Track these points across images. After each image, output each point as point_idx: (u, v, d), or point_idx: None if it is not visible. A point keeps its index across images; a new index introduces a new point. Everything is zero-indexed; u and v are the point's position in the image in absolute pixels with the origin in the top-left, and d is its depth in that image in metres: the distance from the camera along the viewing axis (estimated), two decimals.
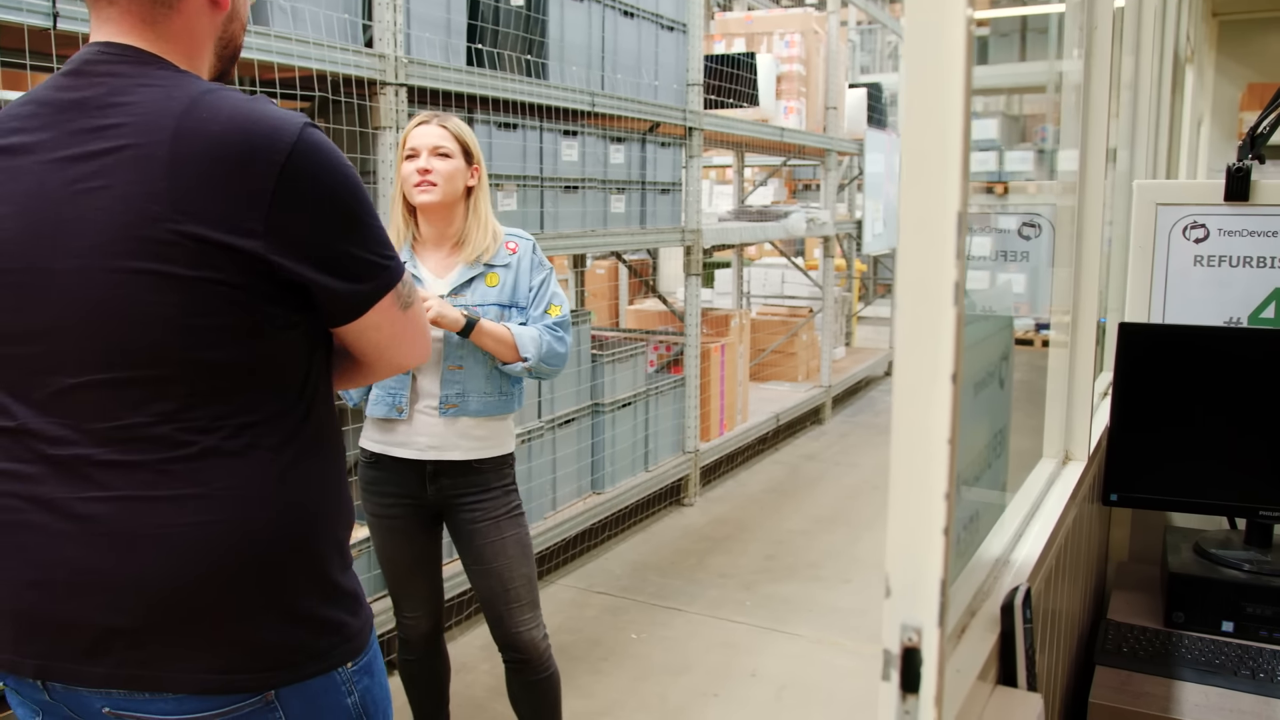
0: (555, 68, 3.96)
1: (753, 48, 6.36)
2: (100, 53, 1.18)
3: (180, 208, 1.10)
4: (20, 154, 1.17)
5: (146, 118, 1.13)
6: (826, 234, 6.80)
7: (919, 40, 0.69)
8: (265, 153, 1.12)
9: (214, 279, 1.12)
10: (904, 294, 0.74)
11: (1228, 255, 2.14)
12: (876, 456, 6.17)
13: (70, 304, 1.13)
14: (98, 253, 1.11)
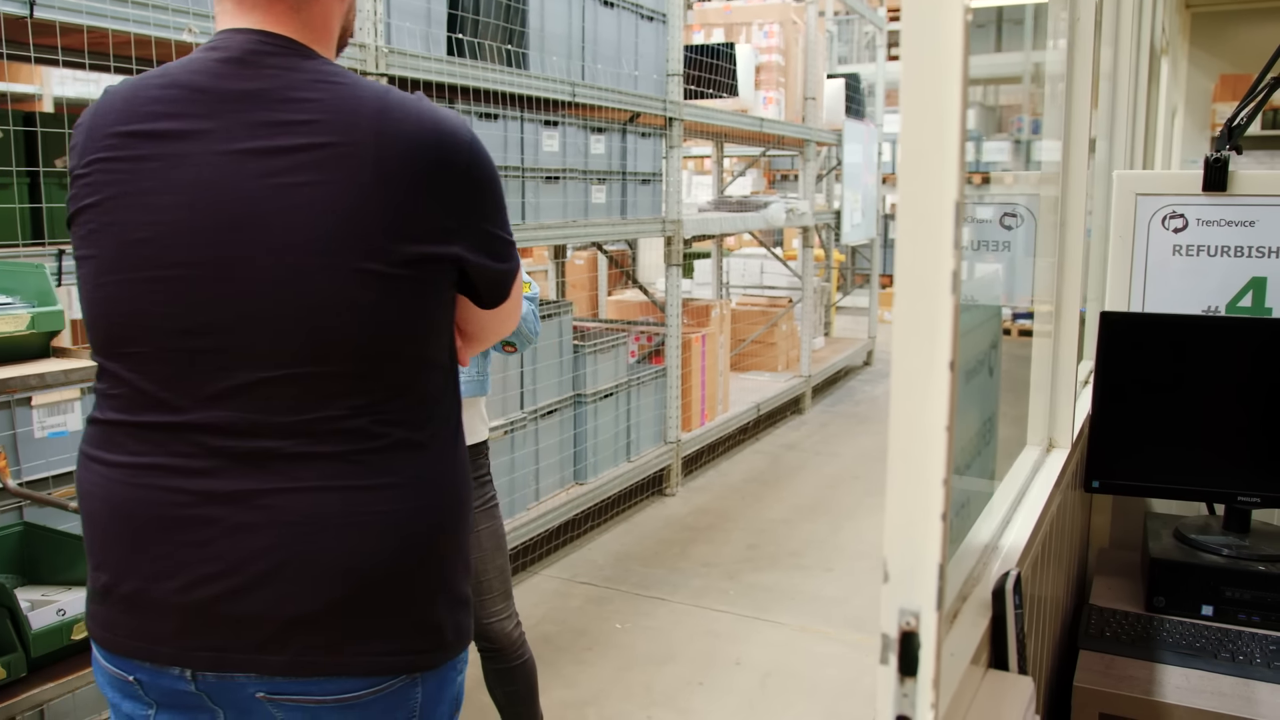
0: (536, 58, 3.95)
1: (732, 38, 6.37)
2: (262, 43, 1.17)
3: (388, 207, 1.12)
4: (177, 140, 1.13)
5: (341, 116, 1.12)
6: (805, 224, 6.82)
7: (917, 32, 0.69)
8: (453, 153, 1.16)
9: (414, 277, 1.14)
10: (903, 283, 0.75)
11: (1206, 245, 2.17)
12: (856, 446, 6.21)
13: (265, 298, 1.11)
14: (301, 249, 1.10)
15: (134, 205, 1.13)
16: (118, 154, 1.15)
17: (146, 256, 1.13)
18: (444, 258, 1.17)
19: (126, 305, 1.14)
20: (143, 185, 1.13)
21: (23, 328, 1.82)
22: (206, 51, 1.18)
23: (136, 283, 1.13)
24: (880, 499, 5.06)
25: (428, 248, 1.15)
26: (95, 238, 1.16)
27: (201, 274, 1.12)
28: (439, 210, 1.15)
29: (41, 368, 1.79)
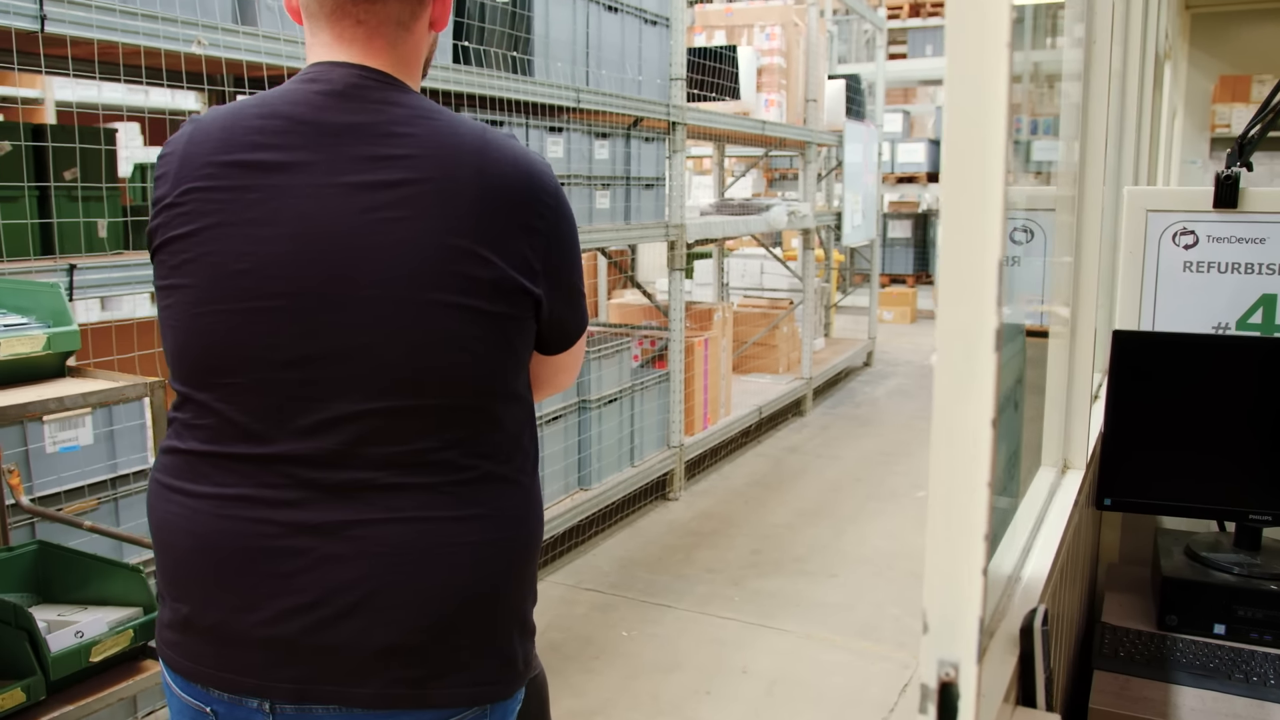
0: (540, 64, 3.95)
1: (733, 40, 6.37)
2: (363, 77, 1.18)
3: (485, 245, 1.13)
4: (278, 172, 1.14)
5: (443, 152, 1.14)
6: (807, 226, 6.83)
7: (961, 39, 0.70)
8: (544, 195, 1.19)
9: (507, 314, 1.17)
10: (945, 339, 0.75)
11: (1216, 261, 2.18)
12: (858, 448, 6.22)
13: (367, 331, 1.11)
14: (402, 283, 1.11)
15: (234, 236, 1.13)
16: (217, 183, 1.14)
17: (246, 288, 1.12)
18: (531, 297, 1.19)
19: (224, 336, 1.14)
20: (244, 215, 1.13)
21: (39, 348, 1.82)
22: (305, 83, 1.18)
23: (236, 314, 1.13)
24: (882, 503, 5.08)
25: (520, 286, 1.17)
26: (190, 268, 1.15)
27: (302, 305, 1.12)
28: (530, 251, 1.17)
29: (59, 389, 1.79)
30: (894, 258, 13.32)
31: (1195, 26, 7.14)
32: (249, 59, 2.71)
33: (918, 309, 12.27)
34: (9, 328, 1.83)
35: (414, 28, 1.23)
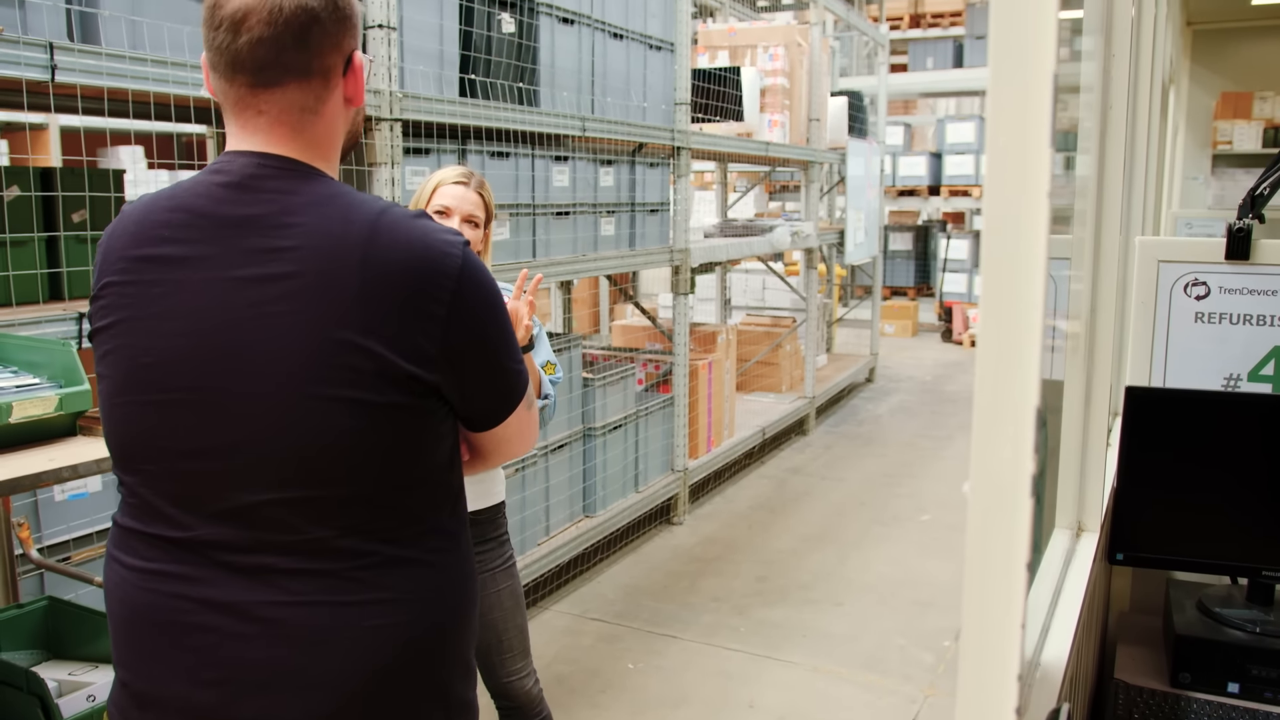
0: (546, 93, 3.95)
1: (736, 61, 6.37)
2: (261, 166, 1.18)
3: (370, 336, 1.13)
4: (178, 266, 1.17)
5: (329, 242, 1.14)
6: (810, 246, 6.83)
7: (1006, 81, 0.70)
8: (439, 278, 1.17)
9: (398, 404, 1.16)
10: (982, 415, 0.74)
11: (1228, 313, 2.17)
12: (862, 470, 6.21)
13: (256, 426, 1.14)
14: (288, 378, 1.14)
15: (141, 330, 1.18)
16: (128, 278, 1.19)
17: (151, 381, 1.17)
18: (425, 384, 1.18)
19: (136, 426, 1.19)
20: (150, 310, 1.17)
21: (51, 410, 1.82)
22: (210, 174, 1.21)
23: (144, 405, 1.18)
24: (886, 528, 5.07)
25: (409, 374, 1.16)
26: (109, 360, 1.21)
27: (200, 399, 1.16)
28: (422, 338, 1.16)
29: (71, 452, 1.79)
30: (895, 270, 13.32)
31: (1197, 44, 7.15)
32: None
33: (919, 322, 12.27)
34: (21, 389, 1.83)
35: (322, 110, 1.22)
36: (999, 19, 0.71)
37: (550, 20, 3.93)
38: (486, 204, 2.31)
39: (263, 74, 1.17)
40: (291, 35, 1.16)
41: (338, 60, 1.22)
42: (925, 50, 13.38)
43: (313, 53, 1.19)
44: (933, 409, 7.95)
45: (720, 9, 8.28)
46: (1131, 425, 2.00)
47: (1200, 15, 6.72)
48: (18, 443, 1.83)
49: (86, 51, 2.32)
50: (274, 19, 1.15)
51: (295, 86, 1.19)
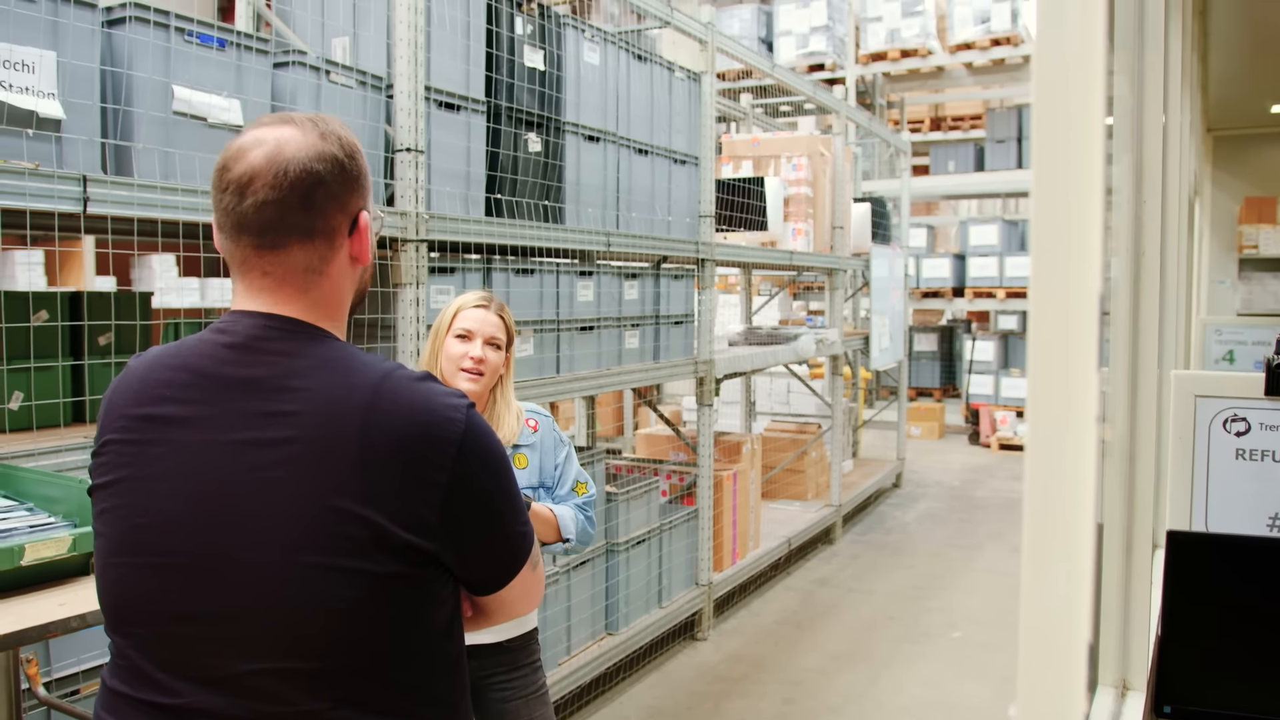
0: (572, 210, 3.99)
1: (760, 170, 6.45)
2: (265, 328, 1.18)
3: (368, 505, 1.11)
4: (178, 427, 1.15)
5: (330, 408, 1.13)
6: (835, 353, 6.80)
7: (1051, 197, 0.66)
8: (441, 444, 1.14)
9: (397, 573, 1.13)
10: (1032, 545, 0.69)
11: (1271, 450, 2.11)
12: (890, 581, 6.07)
13: (252, 594, 1.12)
14: (284, 547, 1.11)
15: (139, 490, 1.16)
16: (128, 437, 1.18)
17: (146, 542, 1.15)
18: (424, 553, 1.14)
19: (129, 588, 1.16)
20: (147, 471, 1.16)
21: (64, 551, 1.79)
22: (215, 334, 1.20)
23: (137, 567, 1.15)
24: (917, 645, 4.92)
25: (409, 544, 1.13)
26: (105, 518, 1.19)
27: (193, 564, 1.13)
28: (422, 507, 1.13)
29: (81, 595, 1.76)
30: (920, 371, 13.26)
31: (1218, 150, 7.20)
32: None
33: (946, 424, 12.15)
34: (35, 529, 1.80)
35: (328, 270, 1.22)
36: (1042, 127, 0.68)
37: (576, 138, 3.98)
38: (507, 326, 2.32)
39: (267, 236, 1.18)
40: (296, 198, 1.17)
41: (343, 221, 1.22)
42: (946, 153, 13.54)
43: (317, 214, 1.19)
44: (962, 516, 7.80)
45: (744, 119, 8.42)
46: (1175, 572, 1.92)
47: (1221, 122, 6.77)
48: (29, 584, 1.79)
49: (119, 183, 2.35)
50: (279, 182, 1.16)
51: (299, 248, 1.19)
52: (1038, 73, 0.68)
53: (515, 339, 2.36)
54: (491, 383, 2.29)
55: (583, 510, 2.33)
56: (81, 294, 2.60)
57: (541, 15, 3.81)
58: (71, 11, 2.35)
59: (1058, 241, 0.67)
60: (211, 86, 2.64)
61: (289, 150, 1.17)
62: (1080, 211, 0.67)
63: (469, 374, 2.24)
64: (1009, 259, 11.76)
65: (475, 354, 2.24)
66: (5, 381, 2.40)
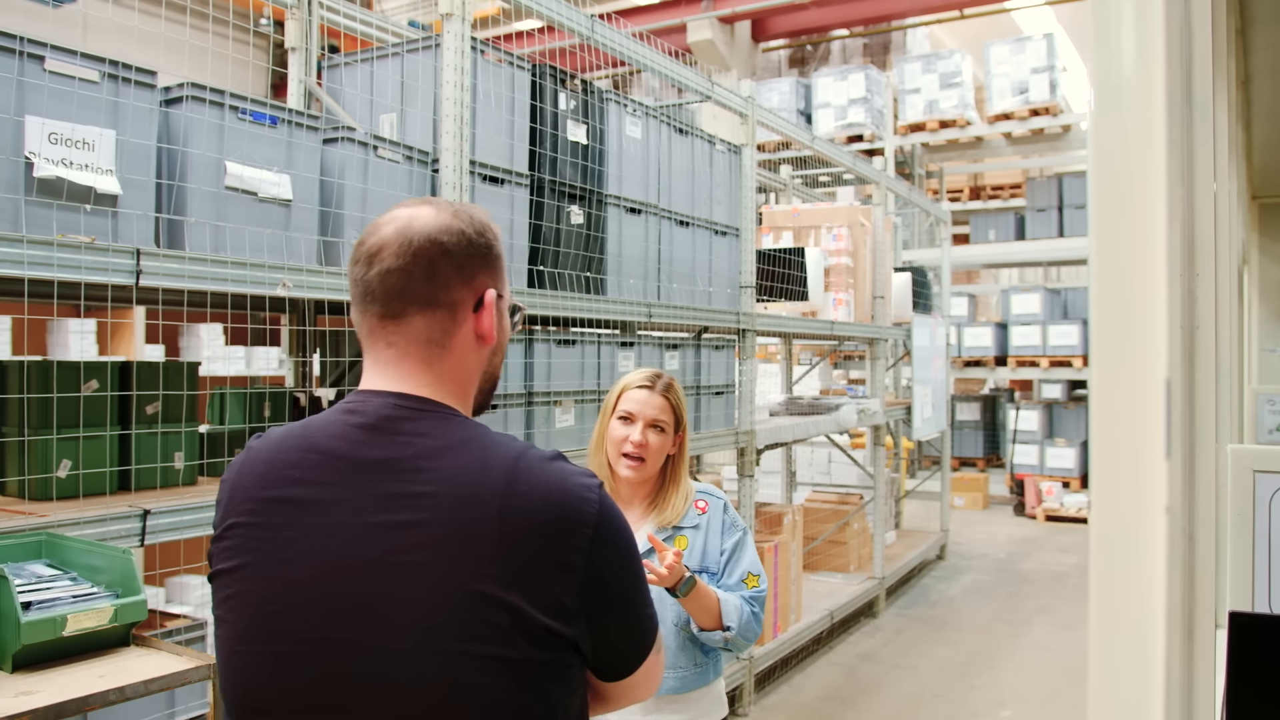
0: (613, 281, 4.01)
1: (800, 240, 6.46)
2: (396, 407, 1.17)
3: (509, 589, 1.09)
4: (310, 509, 1.13)
5: (467, 489, 1.11)
6: (877, 423, 6.74)
7: None
8: (577, 526, 1.13)
9: (535, 659, 1.11)
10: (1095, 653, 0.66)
11: None
12: (935, 657, 5.92)
13: (390, 683, 1.08)
14: (423, 632, 1.08)
15: (269, 576, 1.12)
16: (256, 520, 1.15)
17: (276, 630, 1.11)
18: (568, 640, 1.12)
19: (256, 678, 1.13)
20: (278, 555, 1.13)
21: (105, 622, 1.79)
22: (344, 414, 1.18)
23: (267, 656, 1.12)
24: None
25: (548, 629, 1.10)
26: (231, 604, 1.15)
27: (323, 651, 1.10)
28: (562, 590, 1.11)
29: (122, 666, 1.75)
30: (963, 441, 13.09)
31: (1264, 217, 7.13)
32: (331, 297, 2.78)
33: (990, 494, 11.95)
34: (78, 599, 1.81)
35: (450, 344, 1.21)
36: (1101, 204, 0.66)
37: (618, 211, 4.02)
38: (674, 407, 2.23)
39: (390, 304, 1.18)
40: (420, 267, 1.17)
41: (467, 295, 1.21)
42: (987, 222, 13.53)
43: (439, 285, 1.19)
44: (1009, 590, 7.63)
45: (783, 190, 8.48)
46: (1237, 654, 1.85)
47: (1266, 189, 6.72)
48: (69, 654, 1.79)
49: (171, 256, 2.40)
50: (404, 251, 1.17)
51: (420, 317, 1.19)
52: (1095, 150, 0.67)
53: (685, 419, 2.27)
54: (656, 467, 2.22)
55: (750, 603, 2.20)
56: (131, 363, 2.64)
57: (585, 91, 3.88)
58: (132, 92, 2.43)
59: (1120, 320, 0.66)
60: (263, 162, 2.71)
61: (418, 224, 1.19)
62: (1143, 288, 0.65)
63: (629, 461, 2.18)
64: (1052, 327, 11.64)
65: (636, 439, 2.17)
66: (54, 450, 2.43)
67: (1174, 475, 0.60)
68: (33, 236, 2.13)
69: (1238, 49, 3.61)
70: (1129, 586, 0.63)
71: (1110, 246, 0.65)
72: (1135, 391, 0.63)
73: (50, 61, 2.26)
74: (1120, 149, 0.67)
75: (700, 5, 12.50)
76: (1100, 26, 0.67)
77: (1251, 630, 1.82)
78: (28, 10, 4.64)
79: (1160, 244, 0.65)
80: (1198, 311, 1.78)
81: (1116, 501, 0.62)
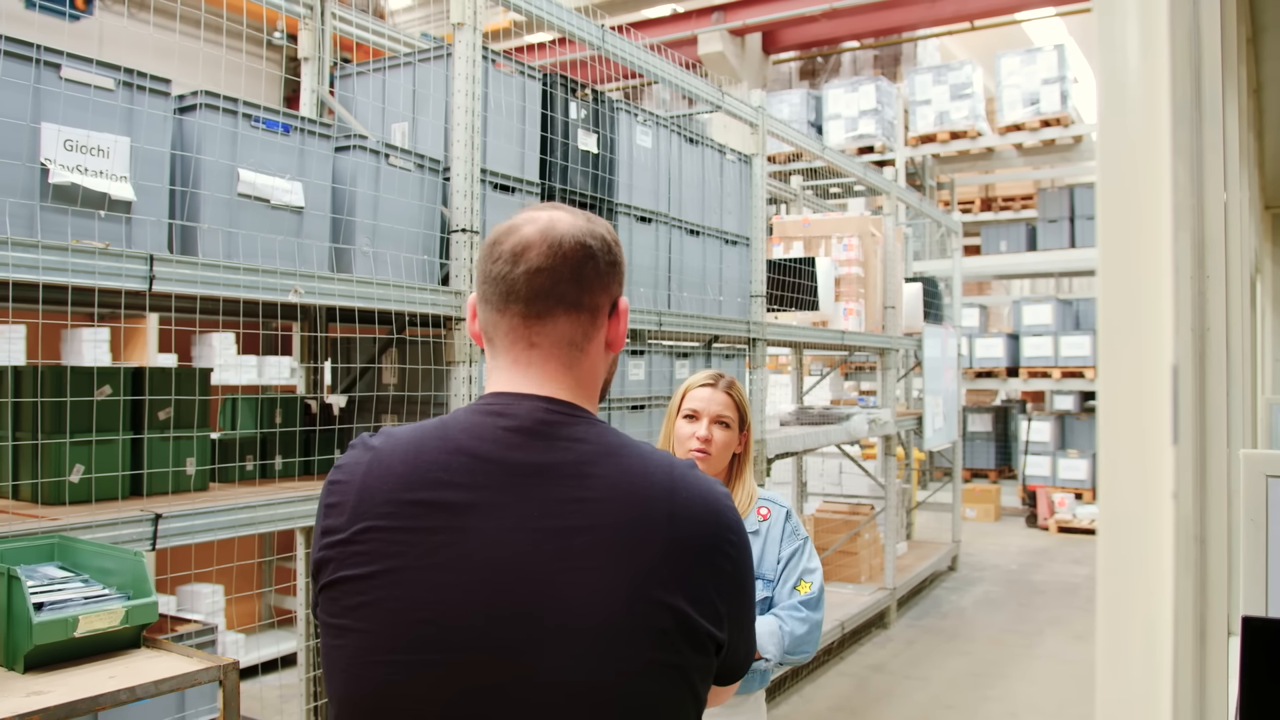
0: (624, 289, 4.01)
1: (811, 250, 6.46)
2: (550, 411, 1.16)
3: (678, 595, 1.09)
4: (465, 514, 1.09)
5: (634, 495, 1.11)
6: (888, 434, 6.72)
7: None
8: (729, 536, 1.15)
9: (696, 664, 1.12)
10: None
11: None
12: (947, 669, 5.89)
13: (564, 691, 1.06)
14: (592, 638, 1.06)
15: (417, 582, 1.08)
16: (399, 523, 1.10)
17: (427, 638, 1.07)
18: (716, 642, 1.14)
19: (401, 687, 1.08)
20: (428, 560, 1.08)
21: (116, 623, 1.80)
22: (490, 416, 1.16)
23: (411, 665, 1.07)
24: None
25: (708, 633, 1.12)
26: (365, 611, 1.09)
27: (480, 661, 1.06)
28: (717, 596, 1.13)
29: (133, 667, 1.76)
30: (975, 452, 13.04)
31: (1277, 226, 7.10)
32: (342, 304, 2.79)
33: (1002, 506, 11.90)
34: (89, 600, 1.82)
35: (588, 349, 1.21)
36: (1108, 209, 0.66)
37: (629, 220, 4.03)
38: (738, 404, 2.28)
39: (536, 303, 1.17)
40: (568, 268, 1.17)
41: (605, 301, 1.22)
42: (998, 233, 13.50)
43: (585, 289, 1.19)
44: (1020, 601, 7.59)
45: (794, 200, 8.49)
46: (1251, 660, 1.84)
47: (1279, 198, 6.70)
48: (80, 655, 1.80)
49: (184, 262, 2.41)
50: (553, 252, 1.17)
51: (565, 319, 1.18)
52: (1102, 154, 0.67)
53: (749, 418, 2.31)
54: (722, 462, 2.26)
55: (795, 611, 2.19)
56: (144, 369, 2.65)
57: (595, 100, 3.89)
58: (146, 100, 2.45)
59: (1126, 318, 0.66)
60: (275, 170, 2.72)
61: (561, 227, 1.19)
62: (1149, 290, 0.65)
63: (696, 454, 2.21)
64: (1064, 338, 11.60)
65: (701, 434, 2.21)
66: (67, 454, 2.45)
67: (1181, 462, 0.60)
68: (48, 242, 2.15)
69: (1249, 56, 3.61)
70: (1138, 581, 0.63)
71: (1116, 242, 0.65)
72: (1141, 381, 0.63)
73: (66, 69, 2.28)
74: (1126, 151, 0.67)
75: (711, 18, 12.55)
76: (1105, 32, 0.68)
77: (1265, 635, 1.82)
78: (45, 24, 4.70)
79: (1166, 243, 0.65)
80: (1208, 313, 1.78)
81: (1123, 490, 0.62)
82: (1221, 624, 1.70)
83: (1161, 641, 0.65)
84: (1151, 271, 0.66)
